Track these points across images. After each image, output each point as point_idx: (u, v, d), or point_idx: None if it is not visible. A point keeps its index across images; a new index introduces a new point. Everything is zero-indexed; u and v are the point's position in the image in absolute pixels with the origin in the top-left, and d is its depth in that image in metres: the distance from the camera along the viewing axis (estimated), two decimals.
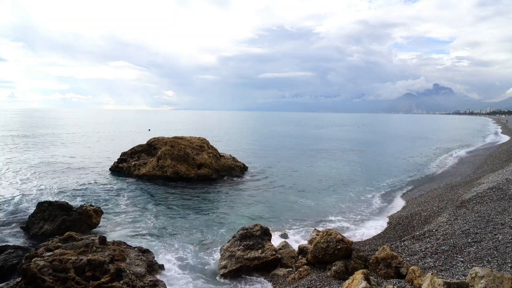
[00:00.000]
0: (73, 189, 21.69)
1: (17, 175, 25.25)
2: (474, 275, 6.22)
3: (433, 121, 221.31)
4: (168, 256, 12.39)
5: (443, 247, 10.26)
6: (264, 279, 10.75)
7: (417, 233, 12.13)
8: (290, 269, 10.97)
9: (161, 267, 11.07)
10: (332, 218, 16.97)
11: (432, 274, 6.82)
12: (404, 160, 37.29)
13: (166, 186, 23.09)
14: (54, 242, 10.52)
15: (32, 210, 15.77)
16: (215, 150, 28.67)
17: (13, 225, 15.17)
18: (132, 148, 28.96)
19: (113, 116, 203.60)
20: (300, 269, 10.41)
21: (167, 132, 58.26)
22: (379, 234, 14.11)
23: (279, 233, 14.41)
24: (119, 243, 11.25)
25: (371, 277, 7.93)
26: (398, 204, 19.39)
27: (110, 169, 27.59)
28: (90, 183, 23.37)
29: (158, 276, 10.38)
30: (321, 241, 10.45)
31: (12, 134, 59.53)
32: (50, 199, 17.31)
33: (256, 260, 11.15)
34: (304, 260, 10.90)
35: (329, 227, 14.92)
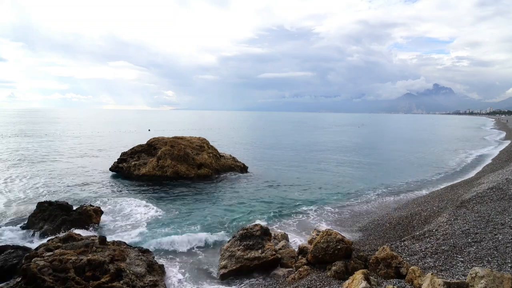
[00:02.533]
0: (73, 189, 21.70)
1: (17, 175, 25.25)
2: (474, 275, 6.21)
3: (433, 121, 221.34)
4: (168, 256, 12.40)
5: (443, 247, 10.26)
6: (263, 279, 10.75)
7: (417, 233, 12.13)
8: (290, 269, 10.97)
9: (161, 267, 11.06)
10: (333, 218, 16.96)
11: (432, 274, 6.82)
12: (404, 160, 37.28)
13: (166, 186, 23.08)
14: (54, 242, 10.52)
15: (32, 210, 15.78)
16: (215, 150, 28.68)
17: (13, 225, 15.17)
18: (132, 148, 28.95)
19: (113, 116, 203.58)
20: (300, 269, 10.41)
21: (167, 132, 58.28)
22: (379, 234, 14.10)
23: (279, 233, 14.40)
24: (119, 243, 11.24)
25: (371, 277, 7.93)
26: (399, 204, 19.38)
27: (110, 169, 27.57)
28: (90, 183, 23.37)
29: (158, 276, 10.38)
30: (321, 241, 10.46)
31: (13, 134, 59.53)
32: (50, 199, 17.31)
33: (256, 260, 11.15)
34: (304, 260, 10.91)
35: (329, 227, 14.92)
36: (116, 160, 28.25)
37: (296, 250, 12.00)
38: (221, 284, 10.68)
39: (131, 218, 16.46)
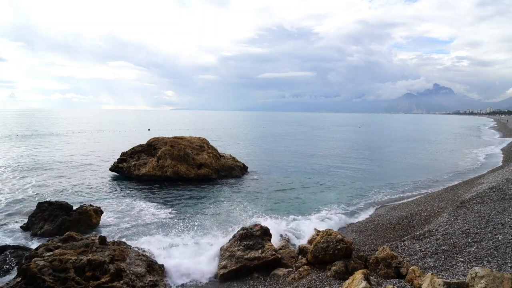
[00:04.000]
0: (73, 189, 21.70)
1: (17, 175, 25.25)
2: (474, 275, 6.21)
3: (433, 121, 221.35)
4: (168, 256, 12.38)
5: (443, 247, 10.26)
6: (263, 279, 10.75)
7: (417, 233, 12.13)
8: (290, 269, 10.97)
9: (161, 267, 11.06)
10: (333, 218, 16.96)
11: (432, 274, 6.81)
12: (404, 160, 37.29)
13: (166, 186, 23.08)
14: (54, 242, 10.52)
15: (32, 210, 15.79)
16: (215, 150, 28.67)
17: (13, 225, 15.18)
18: (132, 148, 28.95)
19: (113, 116, 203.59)
20: (300, 269, 10.41)
21: (167, 132, 58.28)
22: (379, 234, 14.11)
23: (279, 233, 14.40)
24: (119, 243, 11.24)
25: (371, 277, 7.93)
26: (399, 204, 19.39)
27: (110, 169, 27.57)
28: (90, 183, 23.38)
29: (158, 276, 10.38)
30: (321, 241, 10.45)
31: (13, 134, 59.53)
32: (50, 199, 17.31)
33: (256, 260, 11.15)
34: (304, 260, 10.90)
35: (330, 227, 14.91)
36: (116, 160, 28.25)
37: (296, 250, 11.99)
38: (221, 284, 10.68)
39: (131, 218, 16.47)
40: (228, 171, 27.01)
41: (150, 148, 28.01)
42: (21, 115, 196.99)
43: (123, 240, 12.64)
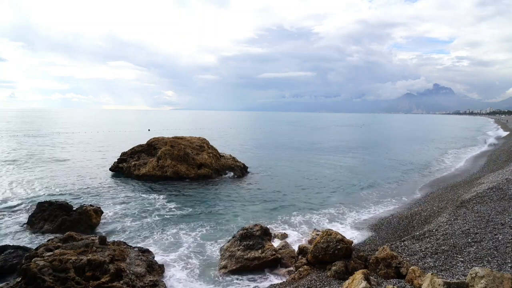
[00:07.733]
0: (73, 189, 21.69)
1: (18, 175, 25.24)
2: (474, 275, 6.21)
3: (433, 121, 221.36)
4: (168, 256, 12.39)
5: (443, 247, 10.26)
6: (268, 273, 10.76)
7: (417, 233, 12.13)
8: (290, 269, 10.97)
9: (161, 267, 11.07)
10: (333, 217, 16.96)
11: (432, 274, 6.81)
12: (405, 160, 37.26)
13: (166, 186, 23.07)
14: (54, 242, 10.52)
15: (32, 210, 15.78)
16: (215, 150, 28.67)
17: (13, 225, 15.17)
18: (132, 148, 28.96)
19: (113, 116, 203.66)
20: (300, 269, 10.41)
21: (167, 132, 58.27)
22: (379, 234, 14.10)
23: (279, 233, 14.41)
24: (119, 243, 11.25)
25: (371, 277, 7.93)
26: (399, 204, 19.39)
27: (110, 169, 27.58)
28: (90, 183, 23.36)
29: (158, 276, 10.38)
30: (321, 241, 10.45)
31: (14, 134, 59.53)
32: (50, 199, 17.31)
33: (256, 260, 11.15)
34: (304, 260, 10.91)
35: (329, 227, 14.92)
36: (116, 160, 28.26)
37: (296, 250, 11.99)
38: (221, 284, 10.68)
39: (131, 218, 16.46)
40: (228, 171, 27.00)
41: (150, 148, 28.01)
42: (21, 115, 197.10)
43: (123, 240, 12.66)
